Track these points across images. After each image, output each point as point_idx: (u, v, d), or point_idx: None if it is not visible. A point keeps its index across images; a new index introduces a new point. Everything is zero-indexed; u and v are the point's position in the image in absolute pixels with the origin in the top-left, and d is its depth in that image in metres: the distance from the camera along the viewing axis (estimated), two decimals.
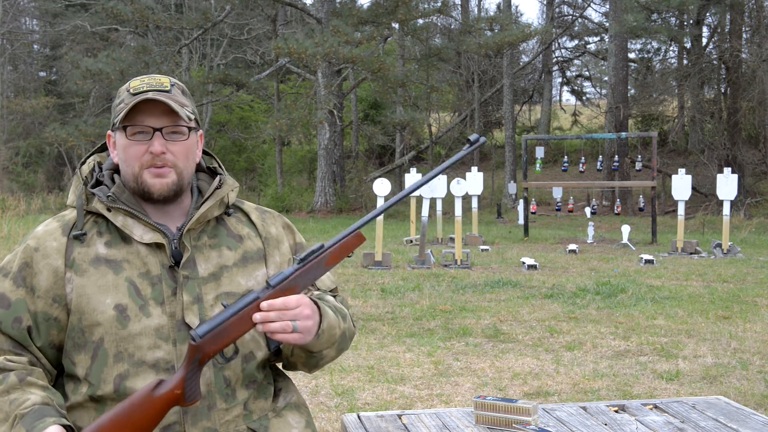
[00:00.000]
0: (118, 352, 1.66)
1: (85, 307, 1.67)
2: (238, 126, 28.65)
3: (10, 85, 30.00)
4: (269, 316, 1.58)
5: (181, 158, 1.74)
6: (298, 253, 1.92)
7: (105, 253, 1.71)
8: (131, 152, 1.72)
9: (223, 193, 1.81)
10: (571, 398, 4.73)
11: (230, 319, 1.57)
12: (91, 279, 1.68)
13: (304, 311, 1.63)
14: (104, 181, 1.78)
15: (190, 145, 1.76)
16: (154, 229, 1.72)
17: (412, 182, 12.58)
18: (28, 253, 1.71)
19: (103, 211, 1.72)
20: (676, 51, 27.41)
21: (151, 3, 20.32)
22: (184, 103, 1.75)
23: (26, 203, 20.03)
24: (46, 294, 1.68)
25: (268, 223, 1.90)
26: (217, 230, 1.81)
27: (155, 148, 1.70)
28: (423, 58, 23.48)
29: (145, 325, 1.66)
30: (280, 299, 1.60)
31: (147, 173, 1.71)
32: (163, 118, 1.71)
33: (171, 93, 1.73)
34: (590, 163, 18.79)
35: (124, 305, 1.67)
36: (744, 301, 8.07)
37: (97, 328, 1.66)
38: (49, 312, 1.69)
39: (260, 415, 1.78)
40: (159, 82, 1.73)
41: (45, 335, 1.69)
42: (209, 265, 1.75)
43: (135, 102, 1.68)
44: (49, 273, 1.69)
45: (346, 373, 5.29)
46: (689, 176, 12.97)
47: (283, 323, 1.59)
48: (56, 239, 1.72)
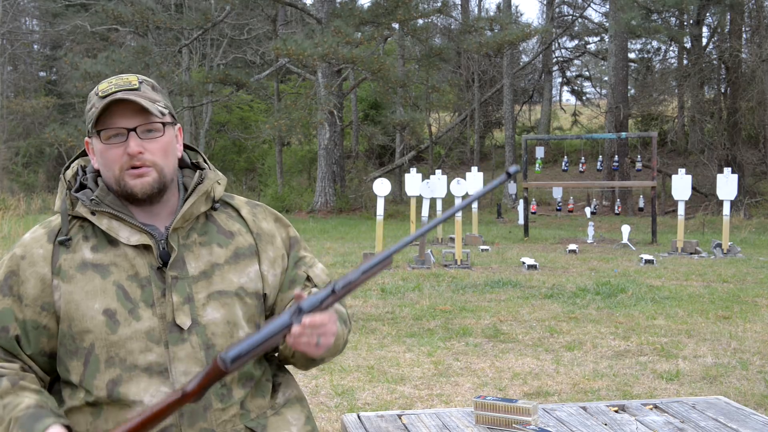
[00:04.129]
0: (109, 358, 1.63)
1: (74, 314, 1.65)
2: (238, 126, 28.66)
3: (10, 85, 30.01)
4: (305, 332, 1.56)
5: (159, 155, 1.70)
6: (293, 247, 1.89)
7: (91, 258, 1.68)
8: (109, 156, 1.68)
9: (206, 187, 1.77)
10: (571, 398, 4.73)
11: (261, 346, 1.54)
12: (78, 285, 1.66)
13: (332, 328, 1.63)
14: (88, 184, 1.75)
15: (167, 141, 1.72)
16: (140, 230, 1.70)
17: (413, 182, 12.63)
18: (15, 262, 1.69)
19: (87, 215, 1.69)
20: (676, 51, 27.41)
21: (151, 3, 20.31)
22: (155, 99, 1.71)
23: (26, 203, 20.01)
24: (34, 302, 1.66)
25: (259, 218, 1.87)
26: (206, 227, 1.78)
27: (131, 149, 1.66)
28: (423, 58, 23.46)
29: (136, 328, 1.64)
30: (318, 317, 1.56)
31: (127, 175, 1.68)
32: (135, 117, 1.67)
33: (140, 90, 1.69)
34: (590, 163, 18.80)
35: (113, 310, 1.64)
36: (744, 301, 8.07)
37: (87, 334, 1.64)
38: (38, 320, 1.66)
39: (258, 413, 1.76)
40: (127, 81, 1.70)
41: (35, 343, 1.68)
42: (200, 264, 1.73)
43: (104, 104, 1.65)
44: (36, 281, 1.66)
45: (346, 373, 5.29)
46: (689, 176, 12.97)
47: (311, 338, 1.58)
48: (42, 246, 1.69)
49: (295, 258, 1.89)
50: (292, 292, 1.86)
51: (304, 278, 1.88)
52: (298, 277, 1.87)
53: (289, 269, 1.87)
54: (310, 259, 1.93)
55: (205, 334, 1.69)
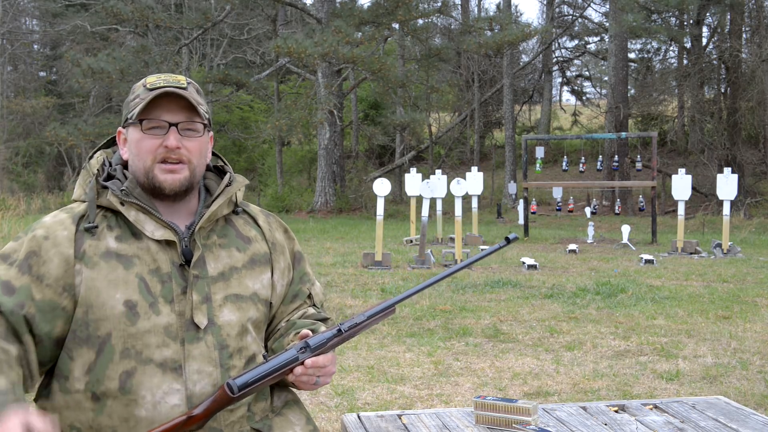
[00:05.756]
0: (126, 349, 1.64)
1: (94, 301, 1.64)
2: (238, 126, 28.67)
3: (10, 85, 30.01)
4: (308, 372, 1.64)
5: (195, 154, 1.73)
6: (299, 261, 1.94)
7: (116, 248, 1.69)
8: (144, 146, 1.70)
9: (234, 190, 1.81)
10: (571, 398, 4.73)
11: (269, 377, 1.62)
12: (101, 272, 1.66)
13: (331, 369, 1.70)
14: (116, 175, 1.76)
15: (203, 142, 1.76)
16: (165, 225, 1.71)
17: (413, 182, 12.62)
18: (37, 242, 1.67)
19: (117, 205, 1.70)
20: (676, 51, 27.41)
21: (151, 3, 20.30)
22: (200, 102, 1.76)
23: (26, 203, 20.01)
24: (56, 282, 1.64)
25: (273, 227, 1.91)
26: (226, 230, 1.81)
27: (170, 143, 1.69)
28: (423, 58, 23.48)
29: (155, 323, 1.65)
30: (322, 358, 1.66)
31: (158, 168, 1.70)
32: (179, 113, 1.71)
33: (188, 90, 1.73)
34: (590, 163, 18.80)
35: (134, 301, 1.65)
36: (744, 301, 8.07)
37: (104, 322, 1.64)
38: (57, 301, 1.64)
39: (262, 415, 1.78)
40: (176, 80, 1.73)
41: (50, 325, 1.64)
42: (219, 265, 1.75)
43: (152, 96, 1.68)
44: (60, 261, 1.65)
45: (346, 373, 5.29)
46: (689, 176, 12.98)
47: (310, 378, 1.67)
48: (66, 228, 1.68)
49: (300, 273, 1.94)
50: (293, 305, 1.91)
51: (306, 295, 1.94)
52: (301, 292, 1.93)
53: (294, 283, 1.92)
54: (312, 277, 1.99)
55: (220, 335, 1.71)
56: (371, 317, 1.71)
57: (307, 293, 1.93)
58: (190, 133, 1.73)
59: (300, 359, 1.64)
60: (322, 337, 1.66)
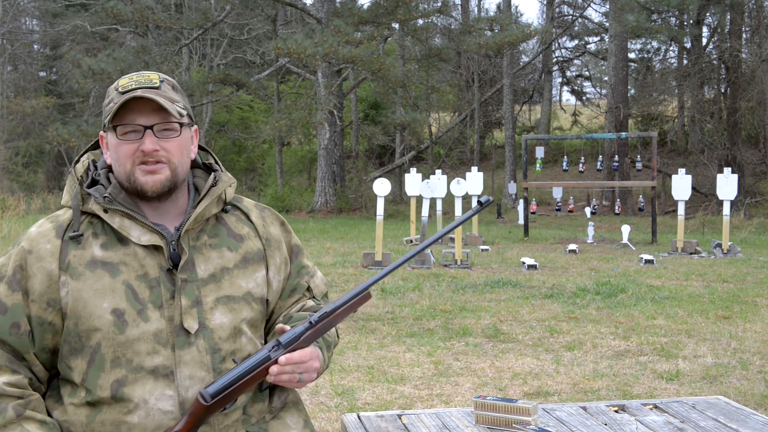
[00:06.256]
0: (116, 358, 1.62)
1: (82, 312, 1.63)
2: (238, 126, 28.67)
3: (10, 85, 30.01)
4: (285, 369, 1.61)
5: (175, 154, 1.69)
6: (296, 255, 1.90)
7: (101, 256, 1.66)
8: (122, 151, 1.67)
9: (219, 190, 1.76)
10: (571, 398, 4.73)
11: (241, 380, 1.59)
12: (87, 282, 1.64)
13: (314, 365, 1.67)
14: (100, 180, 1.74)
15: (183, 141, 1.72)
16: (151, 230, 1.68)
17: (413, 182, 12.62)
18: (22, 256, 1.65)
19: (100, 213, 1.67)
20: (676, 51, 27.41)
21: (151, 3, 20.31)
22: (175, 99, 1.70)
23: (26, 203, 20.01)
24: (40, 298, 1.63)
25: (267, 222, 1.87)
26: (217, 229, 1.78)
27: (146, 147, 1.65)
28: (423, 58, 23.47)
29: (144, 330, 1.63)
30: (298, 354, 1.62)
31: (138, 171, 1.67)
32: (153, 115, 1.66)
33: (161, 89, 1.68)
34: (590, 163, 18.81)
35: (122, 309, 1.63)
36: (744, 301, 8.07)
37: (94, 333, 1.62)
38: (43, 316, 1.64)
39: (258, 418, 1.76)
40: (148, 79, 1.69)
41: (39, 340, 1.65)
42: (209, 266, 1.72)
43: (123, 100, 1.64)
44: (43, 276, 1.64)
45: (346, 373, 5.29)
46: (689, 176, 12.97)
47: (292, 376, 1.63)
48: (50, 241, 1.66)
49: (298, 266, 1.90)
50: (291, 300, 1.88)
51: (305, 288, 1.90)
52: (299, 286, 1.89)
53: (291, 277, 1.88)
54: (311, 268, 1.94)
55: (212, 339, 1.68)
56: (342, 305, 1.66)
57: (306, 286, 1.89)
58: (167, 134, 1.68)
59: (273, 358, 1.60)
60: (293, 333, 1.62)
